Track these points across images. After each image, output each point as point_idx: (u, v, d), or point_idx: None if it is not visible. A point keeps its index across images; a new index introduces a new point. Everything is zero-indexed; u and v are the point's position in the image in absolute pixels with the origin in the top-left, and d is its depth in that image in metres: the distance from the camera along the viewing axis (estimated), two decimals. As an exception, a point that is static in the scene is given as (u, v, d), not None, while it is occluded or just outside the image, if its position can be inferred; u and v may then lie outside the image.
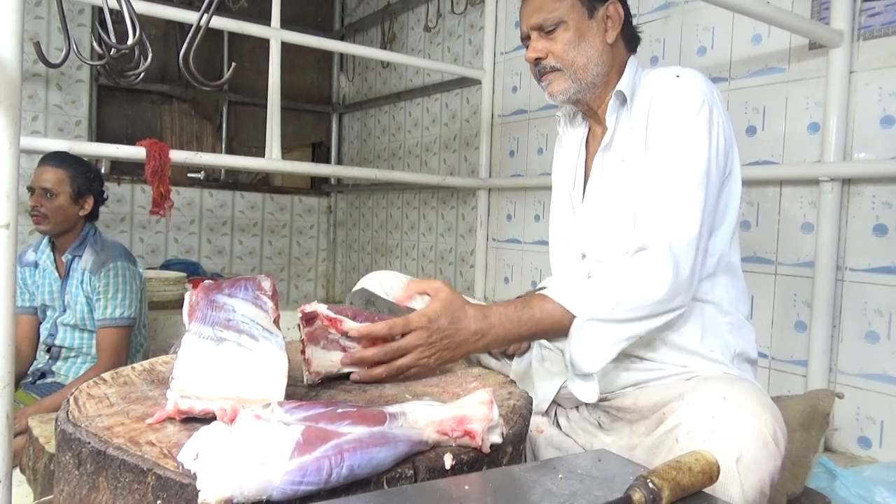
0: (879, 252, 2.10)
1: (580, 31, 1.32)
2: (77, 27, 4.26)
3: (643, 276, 1.15)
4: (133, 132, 4.77)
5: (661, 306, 1.15)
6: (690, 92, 1.24)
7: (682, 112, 1.22)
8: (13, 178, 0.94)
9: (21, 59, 0.96)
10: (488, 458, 0.83)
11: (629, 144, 1.32)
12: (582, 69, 1.33)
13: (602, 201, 1.36)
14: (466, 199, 3.95)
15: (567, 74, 1.34)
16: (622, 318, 1.13)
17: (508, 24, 3.60)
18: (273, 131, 2.80)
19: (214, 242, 4.99)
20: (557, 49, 1.33)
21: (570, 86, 1.34)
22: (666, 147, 1.23)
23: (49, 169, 2.33)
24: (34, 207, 2.32)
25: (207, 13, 1.08)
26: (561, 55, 1.33)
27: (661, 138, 1.24)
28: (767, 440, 0.94)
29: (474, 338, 1.13)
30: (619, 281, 1.16)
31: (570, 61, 1.33)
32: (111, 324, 2.33)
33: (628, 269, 1.17)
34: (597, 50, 1.34)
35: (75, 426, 0.79)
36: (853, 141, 2.17)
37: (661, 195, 1.20)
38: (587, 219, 1.39)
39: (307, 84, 5.55)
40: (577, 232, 1.42)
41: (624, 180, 1.31)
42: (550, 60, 1.34)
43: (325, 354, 1.09)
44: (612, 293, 1.14)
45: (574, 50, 1.32)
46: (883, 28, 2.10)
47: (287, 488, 0.66)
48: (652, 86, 1.31)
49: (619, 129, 1.35)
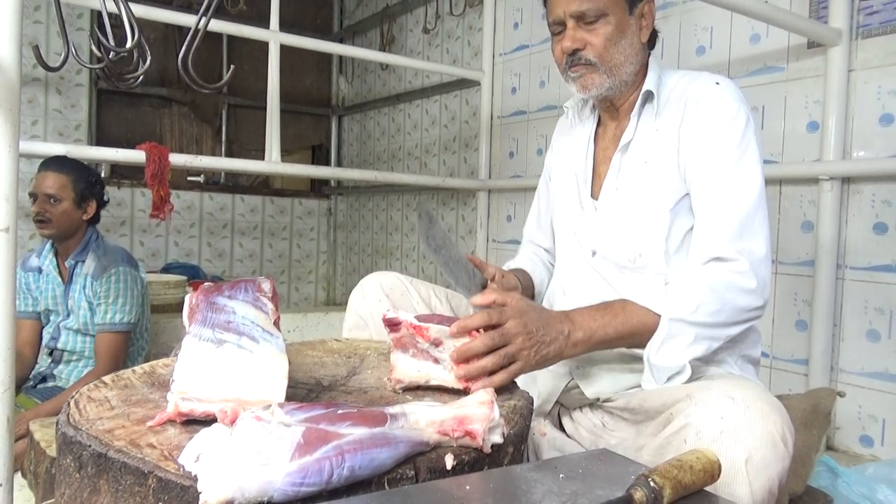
0: (880, 250, 2.10)
1: (621, 27, 1.28)
2: (76, 31, 4.27)
3: (730, 285, 1.15)
4: (133, 136, 4.77)
5: (743, 315, 1.17)
6: (735, 105, 1.23)
7: (733, 127, 1.22)
8: (13, 182, 0.95)
9: (20, 63, 0.96)
10: (489, 459, 0.82)
11: (654, 146, 1.29)
12: (617, 67, 1.29)
13: (620, 201, 1.33)
14: (466, 201, 3.95)
15: (602, 70, 1.29)
16: (704, 322, 1.14)
17: (507, 25, 3.60)
18: (273, 134, 2.80)
19: (215, 245, 4.99)
20: (597, 42, 1.27)
21: (604, 82, 1.30)
22: (721, 162, 1.22)
23: (51, 174, 2.33)
24: (38, 213, 2.31)
25: (206, 16, 1.08)
26: (600, 50, 1.28)
27: (713, 152, 1.22)
28: (776, 441, 0.93)
29: (562, 336, 1.09)
30: (703, 287, 1.15)
31: (608, 58, 1.28)
32: (110, 329, 2.34)
33: (712, 277, 1.16)
34: (634, 48, 1.30)
35: (76, 429, 0.79)
36: (852, 139, 2.17)
37: (727, 210, 1.19)
38: (601, 217, 1.36)
39: (306, 86, 5.56)
40: (588, 229, 1.39)
41: (648, 180, 1.29)
42: (588, 53, 1.28)
43: (412, 363, 1.05)
44: (693, 297, 1.14)
45: (614, 46, 1.28)
46: (881, 26, 2.10)
47: (288, 489, 0.66)
48: (685, 90, 1.29)
49: (641, 128, 1.32)
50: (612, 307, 1.16)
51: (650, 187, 1.28)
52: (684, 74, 1.34)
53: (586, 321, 1.12)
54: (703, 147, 1.23)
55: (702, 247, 1.21)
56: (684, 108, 1.27)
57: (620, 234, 1.32)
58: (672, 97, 1.30)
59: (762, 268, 1.18)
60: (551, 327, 1.08)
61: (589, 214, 1.39)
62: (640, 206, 1.29)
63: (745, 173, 1.21)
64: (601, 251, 1.36)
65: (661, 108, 1.31)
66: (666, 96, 1.31)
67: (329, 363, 1.21)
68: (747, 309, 1.17)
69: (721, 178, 1.21)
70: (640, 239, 1.29)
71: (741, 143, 1.22)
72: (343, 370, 1.17)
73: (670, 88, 1.32)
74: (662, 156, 1.28)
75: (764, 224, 1.21)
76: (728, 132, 1.22)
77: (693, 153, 1.25)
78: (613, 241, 1.33)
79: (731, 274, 1.16)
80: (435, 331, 1.03)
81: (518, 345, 1.04)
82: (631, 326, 1.15)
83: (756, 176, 1.21)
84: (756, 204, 1.20)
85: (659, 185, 1.27)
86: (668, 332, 1.14)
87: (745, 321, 1.19)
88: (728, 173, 1.21)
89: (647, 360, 1.16)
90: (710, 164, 1.22)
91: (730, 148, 1.22)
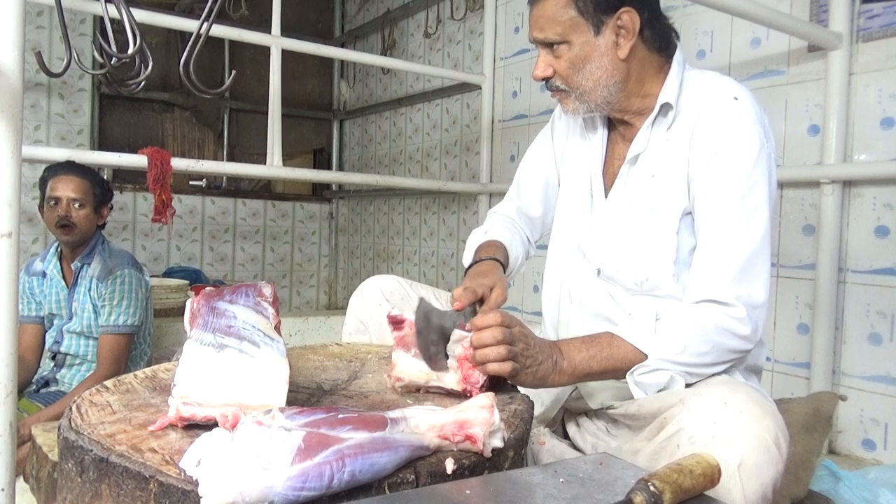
0: (881, 254, 2.10)
1: (584, 53, 1.21)
2: (78, 36, 4.28)
3: (721, 330, 1.13)
4: (135, 140, 4.79)
5: (730, 356, 1.16)
6: (750, 128, 1.17)
7: (745, 154, 1.16)
8: (15, 187, 0.95)
9: (23, 68, 0.97)
10: (490, 463, 0.83)
11: (663, 158, 1.24)
12: (588, 92, 1.24)
13: (625, 217, 1.28)
14: (468, 204, 3.96)
15: (573, 96, 1.26)
16: (689, 363, 1.13)
17: (508, 29, 3.61)
18: (274, 138, 2.80)
19: (216, 250, 5.00)
20: (562, 69, 1.24)
21: (579, 106, 1.27)
22: (727, 195, 1.16)
23: (75, 178, 2.33)
24: (64, 217, 2.30)
25: (208, 21, 1.08)
26: (565, 77, 1.24)
27: (719, 182, 1.17)
28: (769, 445, 0.93)
29: (551, 361, 1.09)
30: (694, 328, 1.13)
31: (576, 84, 1.24)
32: (113, 331, 2.34)
33: (704, 319, 1.13)
34: (605, 71, 1.22)
35: (78, 434, 0.80)
36: (853, 143, 2.17)
37: (729, 250, 1.16)
38: (605, 232, 1.31)
39: (308, 91, 5.57)
40: (592, 243, 1.33)
41: (654, 201, 1.24)
42: (557, 80, 1.26)
43: (412, 363, 1.06)
44: (682, 338, 1.12)
45: (578, 74, 1.23)
46: (882, 30, 2.10)
47: (289, 494, 0.66)
48: (701, 98, 1.22)
49: (653, 140, 1.26)
50: (599, 340, 1.14)
51: (656, 209, 1.23)
52: (704, 80, 1.26)
53: (572, 353, 1.12)
54: (711, 173, 1.18)
55: (698, 284, 1.17)
56: (697, 119, 1.21)
57: (626, 256, 1.27)
58: (686, 105, 1.24)
59: (758, 314, 1.15)
60: (544, 350, 1.09)
61: (593, 224, 1.34)
62: (646, 228, 1.25)
63: (750, 210, 1.16)
64: (606, 271, 1.31)
65: (674, 118, 1.25)
66: (683, 107, 1.24)
67: (330, 367, 1.21)
68: (736, 351, 1.15)
69: (725, 213, 1.16)
70: (646, 263, 1.25)
71: (751, 174, 1.16)
72: (344, 374, 1.17)
73: (690, 98, 1.24)
74: (670, 169, 1.23)
75: (765, 267, 1.16)
76: (738, 160, 1.16)
77: (700, 175, 1.19)
78: (619, 263, 1.28)
79: (726, 318, 1.13)
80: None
81: (519, 349, 1.05)
82: (615, 362, 1.13)
83: (762, 214, 1.16)
84: (759, 245, 1.15)
85: (665, 206, 1.23)
86: (651, 369, 1.13)
87: (730, 361, 1.17)
88: (733, 209, 1.16)
89: (631, 380, 1.15)
90: (716, 195, 1.17)
91: (738, 180, 1.16)
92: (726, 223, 1.16)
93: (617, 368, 1.14)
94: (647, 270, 1.25)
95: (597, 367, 1.13)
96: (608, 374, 1.16)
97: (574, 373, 1.12)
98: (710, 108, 1.20)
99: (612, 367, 1.13)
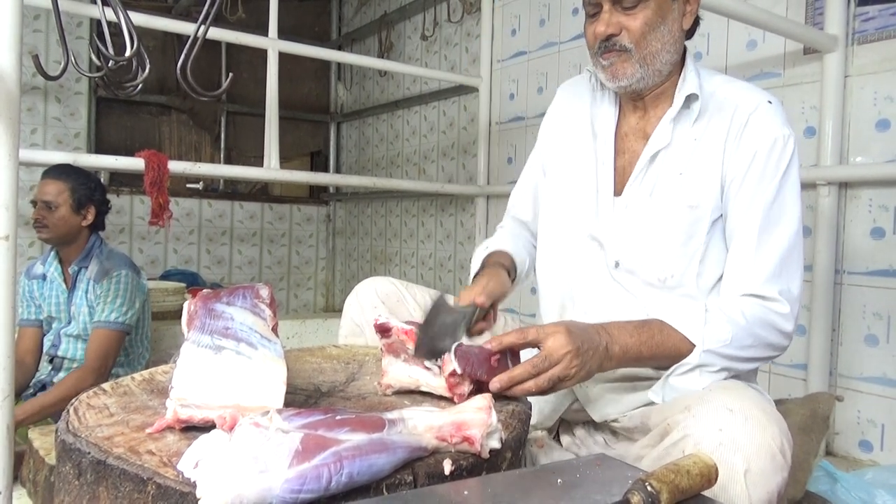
0: (877, 255, 2.11)
1: (662, 12, 1.20)
2: (75, 40, 4.28)
3: (766, 323, 1.15)
4: (132, 143, 4.78)
5: (770, 352, 1.18)
6: (786, 131, 1.21)
7: (781, 157, 1.20)
8: (12, 191, 0.95)
9: (20, 71, 0.97)
10: (487, 464, 0.83)
11: (692, 156, 1.23)
12: (653, 55, 1.21)
13: (647, 212, 1.25)
14: (465, 207, 3.96)
15: (636, 59, 1.21)
16: (734, 356, 1.14)
17: (505, 32, 3.61)
18: (271, 141, 2.81)
19: (214, 252, 5.00)
20: (635, 27, 1.19)
21: (636, 71, 1.22)
22: (764, 193, 1.19)
23: (50, 181, 2.37)
24: (36, 220, 2.36)
25: (205, 24, 1.08)
26: (637, 36, 1.19)
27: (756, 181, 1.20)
28: (775, 452, 0.93)
29: (601, 348, 1.06)
30: (740, 320, 1.14)
31: (645, 44, 1.20)
32: (105, 326, 2.33)
33: (750, 312, 1.15)
34: (673, 36, 1.22)
35: (75, 436, 0.79)
36: (849, 145, 2.17)
37: (768, 246, 1.18)
38: (624, 225, 1.28)
39: (305, 93, 5.57)
40: (611, 235, 1.29)
41: (686, 198, 1.23)
42: (623, 39, 1.20)
43: (403, 368, 1.06)
44: (730, 329, 1.13)
45: (652, 32, 1.20)
46: (877, 32, 2.11)
47: (287, 496, 0.66)
48: (731, 100, 1.24)
49: (678, 134, 1.25)
50: (650, 326, 1.13)
51: (693, 207, 1.22)
52: (726, 81, 1.28)
53: (623, 336, 1.09)
54: (750, 173, 1.20)
55: (739, 280, 1.19)
56: (730, 121, 1.21)
57: (651, 249, 1.25)
58: (713, 104, 1.24)
59: (797, 307, 1.18)
60: (591, 339, 1.05)
61: (610, 215, 1.29)
62: (677, 224, 1.23)
63: (786, 206, 1.19)
64: (626, 264, 1.27)
65: (700, 114, 1.24)
66: (705, 102, 1.24)
67: (328, 369, 1.21)
68: (775, 347, 1.17)
69: (764, 210, 1.19)
70: (673, 259, 1.23)
71: (786, 174, 1.19)
72: (341, 376, 1.17)
73: (709, 93, 1.25)
74: (702, 169, 1.22)
75: (800, 261, 1.20)
76: (776, 162, 1.19)
77: (737, 175, 1.21)
78: (643, 256, 1.25)
79: (771, 314, 1.16)
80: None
81: (563, 366, 1.00)
82: (665, 350, 1.12)
83: (796, 210, 1.20)
84: (795, 239, 1.19)
85: (700, 204, 1.22)
86: (698, 362, 1.12)
87: (766, 358, 1.19)
88: (771, 205, 1.19)
89: (666, 379, 1.14)
90: (755, 193, 1.19)
91: (774, 180, 1.19)
92: (765, 219, 1.19)
93: (666, 356, 1.13)
94: (673, 266, 1.24)
95: (647, 352, 1.11)
96: (655, 361, 1.15)
97: (625, 357, 1.10)
98: (745, 109, 1.22)
99: (663, 353, 1.12)
